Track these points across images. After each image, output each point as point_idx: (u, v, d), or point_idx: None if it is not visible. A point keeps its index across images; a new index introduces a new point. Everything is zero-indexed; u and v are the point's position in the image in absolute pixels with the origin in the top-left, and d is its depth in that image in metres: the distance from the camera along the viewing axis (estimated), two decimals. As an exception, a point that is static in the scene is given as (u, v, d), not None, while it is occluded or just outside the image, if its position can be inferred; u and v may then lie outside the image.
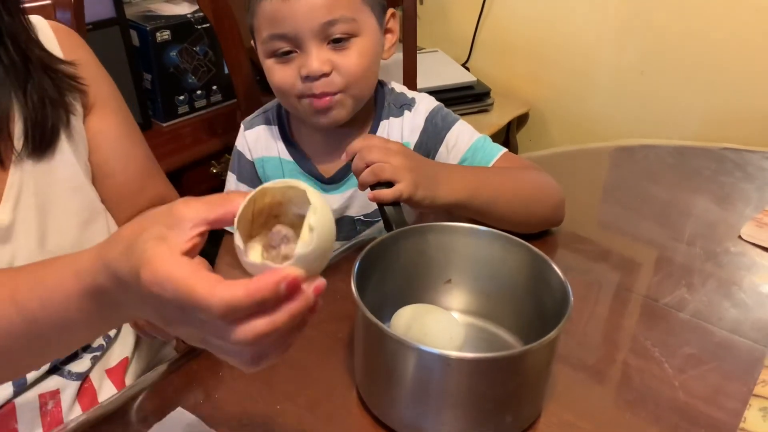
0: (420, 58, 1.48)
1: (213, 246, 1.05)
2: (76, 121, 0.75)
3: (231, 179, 0.96)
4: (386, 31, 0.88)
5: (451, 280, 0.71)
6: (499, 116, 1.81)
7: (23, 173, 0.69)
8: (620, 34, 1.72)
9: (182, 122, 1.48)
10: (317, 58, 0.80)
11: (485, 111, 1.82)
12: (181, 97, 1.46)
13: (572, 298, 0.58)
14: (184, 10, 1.46)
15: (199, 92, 1.49)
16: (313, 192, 0.41)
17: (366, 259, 0.62)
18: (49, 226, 0.71)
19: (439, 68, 1.86)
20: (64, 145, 0.73)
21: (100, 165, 0.79)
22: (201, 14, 1.44)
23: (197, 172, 1.42)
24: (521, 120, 1.95)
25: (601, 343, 0.73)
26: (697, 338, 0.73)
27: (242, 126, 0.95)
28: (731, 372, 0.68)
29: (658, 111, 1.72)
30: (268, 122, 0.94)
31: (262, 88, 1.22)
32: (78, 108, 0.75)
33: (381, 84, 0.94)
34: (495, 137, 1.80)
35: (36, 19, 0.75)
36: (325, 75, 0.81)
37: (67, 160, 0.73)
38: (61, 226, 0.72)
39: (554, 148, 1.40)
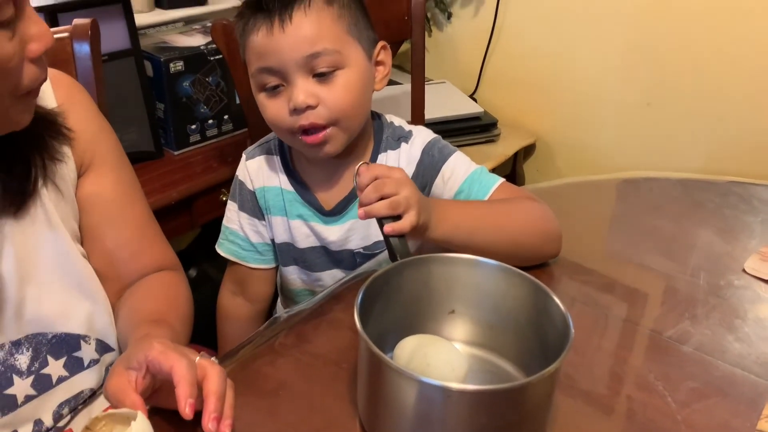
0: (428, 89, 1.50)
1: (219, 272, 1.06)
2: (65, 169, 0.72)
3: (232, 208, 0.97)
4: (377, 63, 0.90)
5: (455, 310, 0.72)
6: (506, 147, 1.83)
7: (1, 235, 0.66)
8: (626, 66, 1.74)
9: (194, 151, 1.50)
10: (302, 90, 0.81)
11: (492, 141, 1.83)
12: (193, 126, 1.49)
13: (573, 331, 0.59)
14: (198, 41, 1.49)
15: (210, 121, 1.51)
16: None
17: (369, 289, 0.63)
18: (27, 293, 0.68)
19: (447, 99, 1.88)
20: (45, 200, 0.69)
21: (91, 227, 0.76)
22: (214, 46, 1.47)
23: (207, 199, 1.44)
24: (528, 150, 1.97)
25: (604, 375, 0.73)
26: (701, 372, 0.73)
27: (244, 156, 0.97)
28: (735, 406, 0.68)
29: (664, 142, 1.72)
30: (269, 152, 0.95)
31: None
32: (66, 156, 0.72)
33: (379, 117, 0.95)
34: (502, 167, 1.83)
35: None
36: (311, 107, 0.82)
37: (50, 217, 0.69)
38: (41, 294, 0.69)
39: (560, 180, 1.41)
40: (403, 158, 0.92)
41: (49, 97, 0.73)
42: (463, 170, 0.90)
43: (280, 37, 0.80)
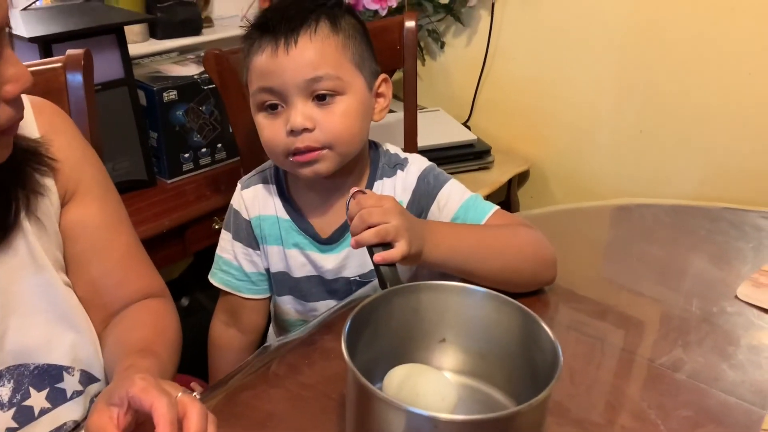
0: (422, 116, 1.51)
1: (212, 301, 1.06)
2: (46, 203, 0.72)
3: (226, 237, 0.97)
4: (378, 95, 0.91)
5: (446, 339, 0.71)
6: (499, 174, 1.84)
7: None
8: (619, 93, 1.75)
9: (187, 179, 1.50)
10: (301, 113, 0.82)
11: (486, 168, 1.84)
12: (186, 155, 1.49)
13: (562, 359, 0.58)
14: (192, 71, 1.50)
15: (204, 150, 1.52)
16: None
17: (357, 318, 0.63)
18: (10, 325, 0.68)
19: (441, 127, 1.89)
20: (27, 232, 0.69)
21: (76, 256, 0.76)
22: (207, 75, 1.48)
23: (200, 228, 1.43)
24: (522, 177, 1.97)
25: (597, 403, 0.72)
26: (694, 400, 0.72)
27: (239, 185, 0.96)
28: (728, 435, 0.67)
29: (658, 169, 1.73)
30: (265, 181, 0.95)
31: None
32: (49, 188, 0.72)
33: (376, 146, 0.96)
34: (496, 194, 1.83)
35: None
36: (308, 130, 0.82)
37: (32, 249, 0.69)
38: (23, 325, 0.69)
39: (553, 206, 1.41)
40: (399, 185, 0.93)
41: (31, 125, 0.72)
42: (458, 197, 0.90)
43: (284, 59, 0.81)
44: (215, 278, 0.98)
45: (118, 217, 0.81)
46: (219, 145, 1.54)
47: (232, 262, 0.97)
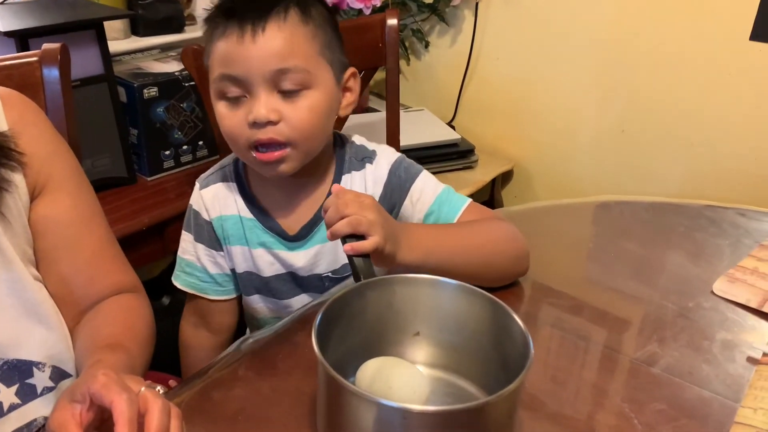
0: (406, 116, 1.51)
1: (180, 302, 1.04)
2: (11, 199, 0.70)
3: (187, 239, 0.94)
4: (345, 89, 0.88)
5: (419, 332, 0.71)
6: (483, 173, 1.84)
7: None
8: (602, 93, 1.76)
9: (167, 176, 1.49)
10: (265, 105, 0.78)
11: (470, 168, 1.84)
12: (167, 152, 1.48)
13: (533, 350, 0.58)
14: (173, 68, 1.49)
15: (185, 147, 1.51)
16: None
17: (329, 311, 0.62)
18: None
19: (425, 126, 1.89)
20: None
21: (46, 251, 0.74)
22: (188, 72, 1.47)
23: (180, 226, 1.40)
24: (506, 177, 1.98)
25: (570, 397, 0.72)
26: (668, 394, 0.72)
27: (197, 184, 0.93)
28: (702, 428, 0.68)
29: (639, 168, 1.74)
30: (225, 179, 0.92)
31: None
32: (16, 184, 0.70)
33: (341, 138, 0.94)
34: (480, 193, 1.83)
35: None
36: (272, 123, 0.79)
37: None
38: None
39: (533, 203, 1.41)
40: (369, 179, 0.91)
41: None
42: (431, 191, 0.89)
43: (251, 46, 0.77)
44: (179, 281, 0.96)
45: (91, 213, 0.79)
46: (200, 143, 1.53)
47: (195, 264, 0.94)
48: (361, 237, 0.71)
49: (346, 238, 0.72)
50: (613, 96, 1.74)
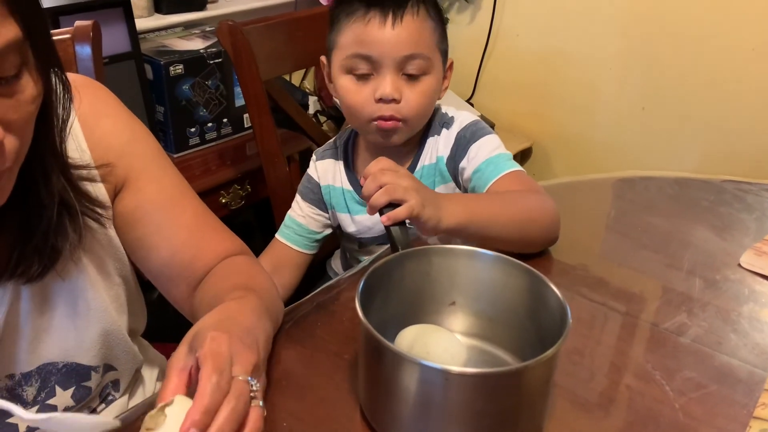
0: (425, 93, 1.51)
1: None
2: (97, 233, 0.68)
3: (298, 199, 1.07)
4: (444, 77, 0.98)
5: (455, 302, 0.73)
6: (503, 150, 1.84)
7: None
8: (621, 71, 1.76)
9: (193, 153, 1.51)
10: (391, 84, 0.90)
11: (489, 145, 1.85)
12: (193, 129, 1.50)
13: (570, 319, 0.59)
14: (198, 45, 1.50)
15: (210, 125, 1.52)
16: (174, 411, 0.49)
17: (370, 279, 0.64)
18: (42, 326, 0.66)
19: (444, 103, 1.89)
20: (84, 267, 0.67)
21: (142, 240, 0.72)
22: (213, 50, 1.48)
23: (207, 201, 1.43)
24: (525, 154, 1.99)
25: (602, 365, 0.74)
26: (698, 362, 0.74)
27: (314, 156, 1.08)
28: (731, 395, 0.69)
29: (659, 146, 1.74)
30: (335, 156, 1.06)
31: (277, 121, 1.26)
32: (100, 206, 0.67)
33: (435, 108, 1.02)
34: (499, 171, 1.84)
35: (75, 129, 0.66)
36: (395, 101, 0.91)
37: (75, 284, 0.67)
38: (57, 327, 0.67)
39: (555, 179, 1.42)
40: (442, 142, 1.00)
41: (78, 136, 0.67)
42: (486, 152, 0.95)
43: (389, 32, 0.89)
44: (279, 234, 1.07)
45: (180, 193, 0.75)
46: (225, 120, 1.55)
47: (296, 219, 1.06)
48: (397, 206, 0.74)
49: (383, 210, 0.74)
50: (633, 73, 1.74)
